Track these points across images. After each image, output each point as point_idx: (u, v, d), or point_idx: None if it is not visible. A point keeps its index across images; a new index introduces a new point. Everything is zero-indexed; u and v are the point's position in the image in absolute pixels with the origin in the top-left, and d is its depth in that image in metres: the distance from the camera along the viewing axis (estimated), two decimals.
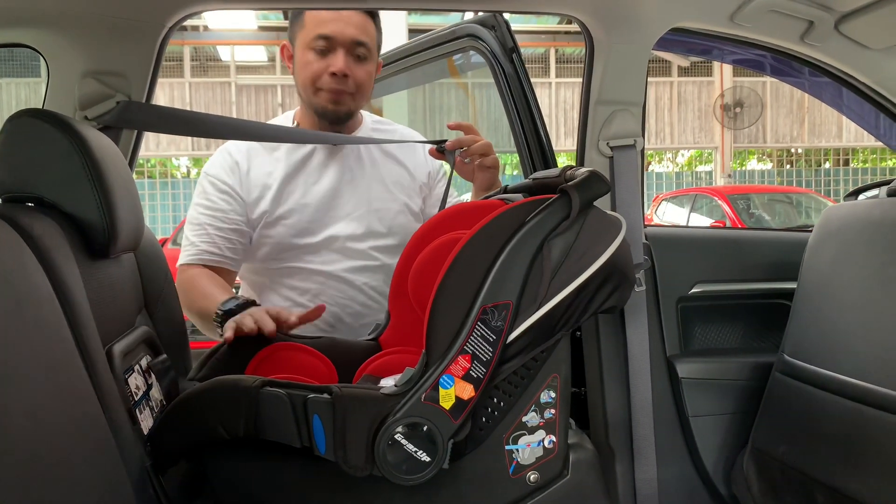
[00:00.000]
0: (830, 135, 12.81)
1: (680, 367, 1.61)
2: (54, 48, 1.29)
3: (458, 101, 10.24)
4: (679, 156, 14.64)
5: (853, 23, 1.44)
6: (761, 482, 1.51)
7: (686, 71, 12.40)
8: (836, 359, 1.36)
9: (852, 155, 13.42)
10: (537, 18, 11.10)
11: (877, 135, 1.79)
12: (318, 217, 1.49)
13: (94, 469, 0.76)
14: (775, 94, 12.56)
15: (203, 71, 12.21)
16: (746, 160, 14.25)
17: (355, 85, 1.46)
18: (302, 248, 1.49)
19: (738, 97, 11.86)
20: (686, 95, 12.52)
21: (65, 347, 0.78)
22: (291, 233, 1.48)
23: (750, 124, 11.86)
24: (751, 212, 8.14)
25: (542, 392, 1.02)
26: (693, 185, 12.28)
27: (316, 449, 0.94)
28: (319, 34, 1.42)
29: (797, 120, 12.68)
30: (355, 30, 1.43)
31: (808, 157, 13.47)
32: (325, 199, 1.50)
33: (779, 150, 13.47)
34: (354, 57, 1.45)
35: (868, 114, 1.68)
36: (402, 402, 0.93)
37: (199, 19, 10.86)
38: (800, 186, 11.75)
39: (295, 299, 1.49)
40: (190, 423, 0.99)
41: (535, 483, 1.04)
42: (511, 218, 0.97)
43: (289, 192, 1.50)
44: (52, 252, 0.82)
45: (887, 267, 1.31)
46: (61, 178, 0.95)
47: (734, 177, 12.59)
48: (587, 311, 1.00)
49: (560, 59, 12.40)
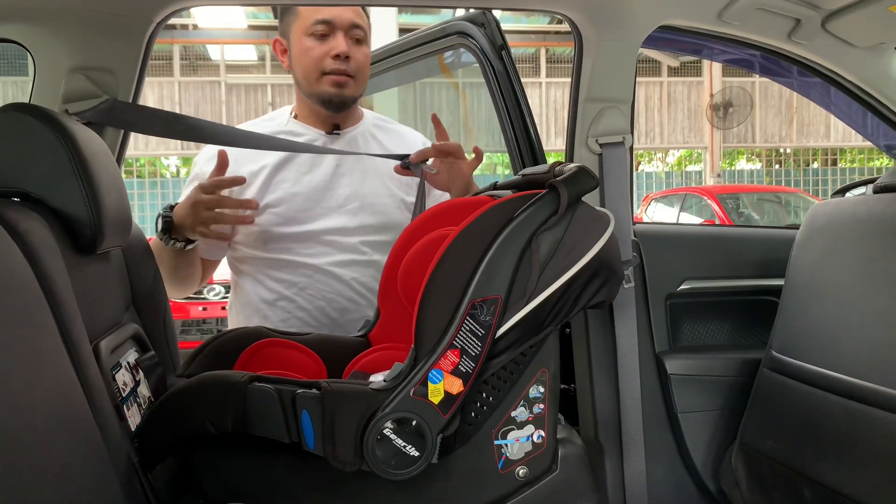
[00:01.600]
0: (819, 135, 12.90)
1: (669, 363, 1.62)
2: (41, 44, 1.28)
3: (448, 99, 10.25)
4: (669, 156, 14.69)
5: (839, 21, 1.45)
6: (749, 478, 1.51)
7: (676, 71, 12.45)
8: (824, 355, 1.37)
9: (840, 155, 13.51)
10: (528, 18, 11.12)
11: (864, 133, 1.80)
12: (309, 207, 1.48)
13: (81, 465, 0.76)
14: (764, 94, 12.64)
15: (192, 70, 12.16)
16: (736, 160, 14.32)
17: (356, 67, 1.48)
18: (289, 237, 1.47)
19: (727, 97, 11.92)
20: (676, 95, 12.57)
21: (51, 343, 0.77)
22: (278, 221, 1.47)
23: (739, 124, 11.92)
24: (740, 211, 8.19)
25: (530, 387, 1.03)
26: (683, 184, 12.33)
27: (304, 444, 0.94)
28: (318, 19, 1.44)
29: (786, 120, 12.77)
30: (352, 12, 1.46)
31: (796, 157, 13.56)
32: (316, 190, 1.49)
33: (768, 150, 13.55)
34: (353, 40, 1.47)
35: (855, 112, 1.69)
36: (391, 397, 0.93)
37: (188, 18, 10.81)
38: (788, 186, 11.82)
39: (281, 292, 1.48)
40: (178, 418, 0.98)
41: (524, 478, 1.04)
42: (500, 213, 0.97)
43: (279, 181, 1.48)
44: (38, 248, 0.81)
45: (874, 263, 1.32)
46: (48, 172, 0.95)
47: (723, 176, 12.66)
48: (576, 307, 1.00)
49: (550, 59, 12.42)
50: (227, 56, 11.95)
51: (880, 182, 1.39)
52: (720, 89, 12.06)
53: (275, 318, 1.48)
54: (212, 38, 11.46)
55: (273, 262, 1.49)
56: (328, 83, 1.46)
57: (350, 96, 1.50)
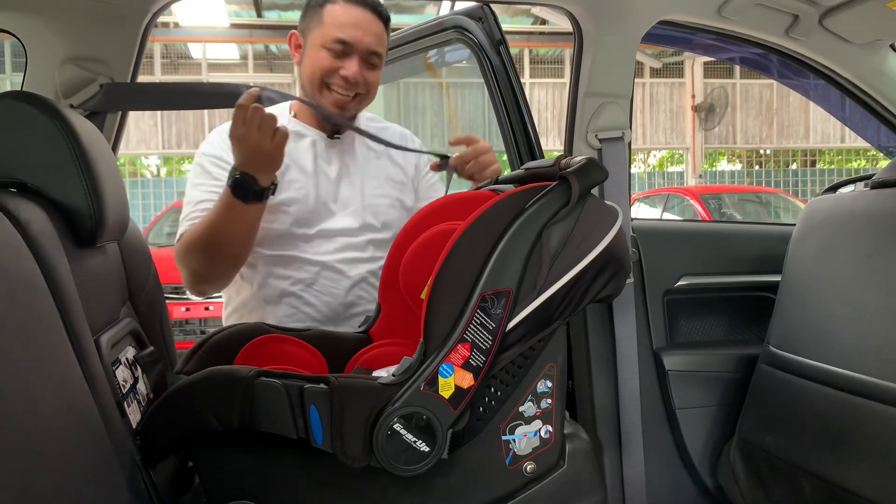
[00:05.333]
0: (798, 136, 13.05)
1: (666, 359, 1.62)
2: (34, 33, 1.25)
3: (433, 100, 10.23)
4: (651, 157, 14.79)
5: (837, 17, 1.46)
6: (748, 473, 1.52)
7: (658, 72, 12.53)
8: (822, 349, 1.38)
9: (819, 156, 13.68)
10: (511, 18, 11.12)
11: (865, 135, 1.82)
12: (318, 209, 1.48)
13: (87, 460, 0.74)
14: (745, 95, 12.76)
15: (174, 68, 12.03)
16: (717, 161, 14.44)
17: (366, 88, 1.47)
18: (300, 237, 1.47)
19: (708, 98, 12.04)
20: (658, 97, 12.65)
21: (57, 336, 0.75)
22: (291, 221, 1.46)
23: (717, 123, 12.04)
24: (722, 211, 8.26)
25: (538, 381, 1.02)
26: (665, 185, 12.41)
27: (313, 440, 0.92)
28: (338, 38, 1.41)
29: (766, 121, 12.89)
30: (373, 38, 1.43)
31: (776, 158, 13.71)
32: (325, 191, 1.49)
33: (748, 151, 13.68)
34: (368, 65, 1.45)
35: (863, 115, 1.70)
36: (400, 392, 0.92)
37: (169, 16, 10.69)
38: (769, 186, 11.94)
39: (286, 288, 1.47)
40: (182, 414, 0.96)
41: (532, 473, 1.03)
42: (510, 205, 0.96)
43: (289, 181, 1.47)
44: (40, 238, 0.79)
45: (872, 258, 1.33)
46: (47, 163, 0.92)
47: (705, 177, 12.75)
48: (584, 300, 0.99)
49: (534, 60, 12.44)
50: (208, 55, 11.83)
51: (878, 178, 1.40)
52: (707, 91, 12.17)
53: (280, 315, 1.47)
54: (193, 37, 11.33)
55: (280, 259, 1.48)
56: (330, 101, 1.45)
57: (349, 116, 1.50)
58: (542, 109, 12.22)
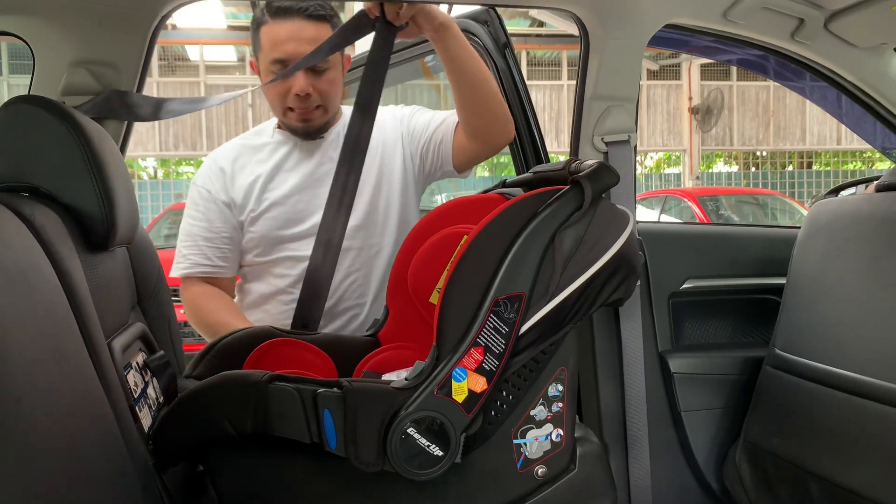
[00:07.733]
0: (794, 138, 13.10)
1: (672, 362, 1.62)
2: (41, 37, 1.25)
3: (430, 103, 10.23)
4: (648, 158, 14.81)
5: (842, 21, 1.47)
6: (754, 475, 1.52)
7: (655, 74, 12.57)
8: (829, 352, 1.38)
9: (815, 158, 13.73)
10: (508, 21, 11.14)
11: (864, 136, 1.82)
12: (301, 207, 1.49)
13: (103, 462, 0.74)
14: (741, 97, 12.80)
15: (171, 70, 12.02)
16: (714, 163, 14.48)
17: (320, 97, 1.46)
18: (287, 237, 1.49)
19: (705, 100, 12.07)
20: (655, 98, 12.69)
21: (74, 340, 0.75)
22: (275, 225, 1.49)
23: (714, 125, 12.07)
24: (720, 213, 8.27)
25: (549, 385, 1.01)
26: (662, 187, 12.44)
27: (326, 445, 0.92)
28: (275, 59, 1.41)
29: (762, 123, 12.94)
30: (309, 46, 1.39)
31: (773, 160, 13.75)
32: (306, 189, 1.50)
33: (745, 153, 13.73)
34: (314, 73, 1.44)
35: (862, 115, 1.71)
36: (413, 396, 0.91)
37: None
38: (766, 188, 11.98)
39: (278, 285, 1.50)
40: (196, 418, 0.96)
41: (543, 477, 1.03)
42: (523, 209, 0.96)
43: (271, 188, 1.50)
44: (55, 243, 0.79)
45: (878, 261, 1.33)
46: (59, 167, 0.92)
47: (702, 179, 12.79)
48: (595, 303, 0.99)
49: (531, 63, 12.46)
50: (206, 57, 11.82)
51: (883, 181, 1.40)
52: (704, 93, 12.20)
53: (274, 311, 1.50)
54: (191, 39, 11.33)
55: (271, 262, 1.51)
56: (293, 118, 1.47)
57: (317, 126, 1.50)
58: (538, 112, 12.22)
